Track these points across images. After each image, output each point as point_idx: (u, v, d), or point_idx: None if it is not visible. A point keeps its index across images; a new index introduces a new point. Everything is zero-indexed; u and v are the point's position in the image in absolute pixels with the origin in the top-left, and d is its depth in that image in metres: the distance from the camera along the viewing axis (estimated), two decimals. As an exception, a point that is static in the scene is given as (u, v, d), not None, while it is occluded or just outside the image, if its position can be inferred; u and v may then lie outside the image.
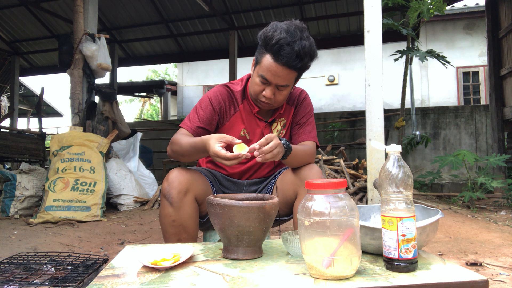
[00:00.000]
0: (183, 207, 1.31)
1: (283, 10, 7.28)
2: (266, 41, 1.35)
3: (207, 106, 1.49)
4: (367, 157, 2.85)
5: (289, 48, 1.30)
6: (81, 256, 1.75)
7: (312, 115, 1.62)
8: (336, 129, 7.45)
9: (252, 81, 1.46)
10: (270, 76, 1.36)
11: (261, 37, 1.38)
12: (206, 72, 12.05)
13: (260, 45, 1.40)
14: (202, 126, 1.46)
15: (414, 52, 4.61)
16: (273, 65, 1.34)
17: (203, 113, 1.48)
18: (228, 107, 1.53)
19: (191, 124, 1.47)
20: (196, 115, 1.48)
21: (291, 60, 1.32)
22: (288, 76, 1.37)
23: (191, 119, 1.49)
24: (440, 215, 1.02)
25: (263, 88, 1.41)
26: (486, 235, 2.85)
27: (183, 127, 1.48)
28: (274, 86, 1.39)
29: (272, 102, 1.44)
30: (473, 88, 10.05)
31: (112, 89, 5.02)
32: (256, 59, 1.43)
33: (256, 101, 1.47)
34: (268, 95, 1.40)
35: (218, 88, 1.54)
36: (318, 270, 0.84)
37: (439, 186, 6.73)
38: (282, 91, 1.42)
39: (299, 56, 1.32)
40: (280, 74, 1.35)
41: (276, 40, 1.31)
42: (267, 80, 1.38)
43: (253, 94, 1.46)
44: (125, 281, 0.86)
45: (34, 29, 8.37)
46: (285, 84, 1.39)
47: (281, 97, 1.43)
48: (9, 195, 3.83)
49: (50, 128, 14.46)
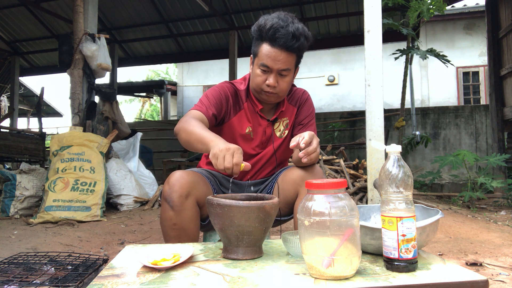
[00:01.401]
0: (184, 211, 1.30)
1: (283, 10, 7.26)
2: (260, 30, 1.38)
3: (218, 95, 1.48)
4: (367, 157, 2.85)
5: (283, 30, 1.34)
6: (81, 256, 1.75)
7: (314, 116, 1.62)
8: (336, 129, 7.45)
9: (253, 74, 1.46)
10: (271, 62, 1.38)
11: (255, 29, 1.41)
12: (206, 72, 12.05)
13: (255, 39, 1.43)
14: (214, 112, 1.44)
15: (415, 51, 4.61)
16: (272, 51, 1.37)
17: (214, 101, 1.46)
18: (234, 104, 1.53)
19: (205, 107, 1.43)
20: (207, 101, 1.46)
21: (288, 41, 1.34)
22: (287, 59, 1.38)
23: (204, 103, 1.45)
24: (440, 215, 1.02)
25: (265, 77, 1.42)
26: (486, 235, 2.85)
27: (196, 109, 1.43)
28: (276, 73, 1.40)
29: (277, 91, 1.43)
30: (473, 88, 10.06)
31: (112, 89, 5.02)
32: (253, 53, 1.45)
33: (260, 94, 1.47)
34: (271, 83, 1.40)
35: (225, 83, 1.54)
36: (318, 270, 0.84)
37: (439, 186, 6.73)
38: (285, 78, 1.43)
39: (295, 36, 1.35)
40: (280, 58, 1.37)
41: (270, 26, 1.35)
42: (268, 67, 1.39)
43: (256, 87, 1.46)
44: (125, 281, 0.86)
45: (34, 29, 8.37)
46: (286, 67, 1.40)
47: (284, 84, 1.43)
48: (9, 195, 3.83)
49: (50, 128, 14.47)
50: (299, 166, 1.45)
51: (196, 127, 1.31)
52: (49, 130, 13.25)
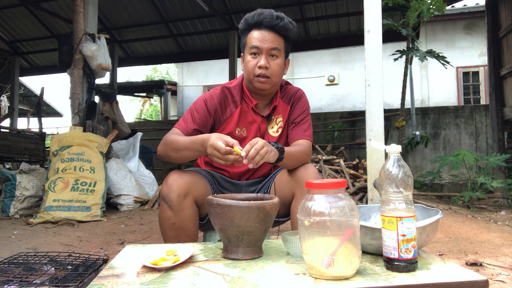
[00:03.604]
0: (182, 210, 1.30)
1: (283, 10, 7.23)
2: (246, 21, 1.48)
3: (202, 109, 1.50)
4: (367, 157, 2.85)
5: (267, 12, 1.45)
6: (81, 256, 1.75)
7: (308, 114, 1.61)
8: (336, 129, 7.45)
9: (245, 63, 1.50)
10: (259, 43, 1.44)
11: (241, 23, 1.50)
12: (206, 72, 12.05)
13: (242, 33, 1.51)
14: (197, 128, 1.47)
15: (414, 52, 4.61)
16: (259, 33, 1.45)
17: (198, 116, 1.49)
18: (224, 109, 1.53)
19: (186, 126, 1.47)
20: (191, 117, 1.49)
21: (273, 20, 1.43)
22: (275, 39, 1.45)
23: (186, 120, 1.49)
24: (440, 215, 1.02)
25: (256, 61, 1.45)
26: (486, 235, 2.85)
27: (177, 128, 1.48)
28: (266, 54, 1.45)
29: (270, 74, 1.46)
30: (473, 88, 10.06)
31: (112, 89, 5.02)
32: (242, 46, 1.53)
33: (254, 82, 1.48)
34: (263, 64, 1.44)
35: (214, 91, 1.55)
36: (318, 270, 0.84)
37: (439, 186, 6.73)
38: (276, 59, 1.46)
39: (279, 17, 1.44)
40: (267, 37, 1.44)
41: (253, 13, 1.47)
42: (258, 48, 1.44)
43: (249, 74, 1.48)
44: (125, 281, 0.86)
45: (34, 29, 8.37)
46: (275, 46, 1.44)
47: (276, 67, 1.46)
48: (9, 195, 3.83)
49: (50, 128, 14.45)
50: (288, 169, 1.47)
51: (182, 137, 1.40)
52: (49, 130, 13.24)
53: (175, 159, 1.41)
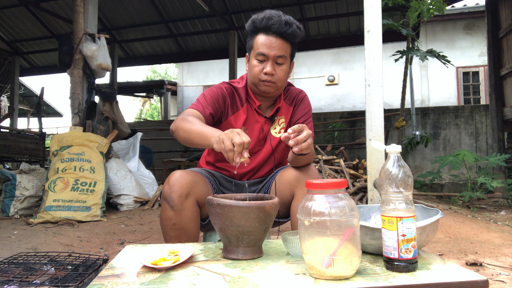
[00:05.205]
0: (184, 211, 1.30)
1: (283, 10, 7.26)
2: (254, 23, 1.45)
3: (215, 94, 1.49)
4: (367, 157, 2.85)
5: (276, 18, 1.42)
6: (81, 256, 1.75)
7: (310, 115, 1.62)
8: (336, 129, 7.45)
9: (250, 67, 1.48)
10: (266, 49, 1.42)
11: (249, 24, 1.47)
12: (206, 72, 12.05)
13: (249, 34, 1.49)
14: (211, 112, 1.45)
15: (415, 52, 4.61)
16: (267, 39, 1.43)
17: (211, 100, 1.47)
18: (231, 103, 1.53)
19: (203, 108, 1.43)
20: (205, 100, 1.47)
21: (281, 27, 1.40)
22: (283, 46, 1.43)
23: (201, 102, 1.46)
24: (440, 215, 1.02)
25: (262, 66, 1.45)
26: (486, 235, 2.85)
27: (195, 108, 1.43)
28: (272, 61, 1.44)
29: (275, 80, 1.45)
30: (473, 88, 10.06)
31: (112, 89, 5.02)
32: (248, 47, 1.50)
33: (258, 85, 1.47)
34: (269, 70, 1.43)
35: (223, 84, 1.56)
36: (318, 270, 0.84)
37: (439, 186, 6.73)
38: (281, 66, 1.45)
39: (288, 23, 1.42)
40: (275, 44, 1.42)
41: (262, 16, 1.43)
42: (265, 55, 1.43)
43: (254, 79, 1.47)
44: (125, 281, 0.86)
45: (34, 29, 8.37)
46: (281, 54, 1.43)
47: (281, 73, 1.46)
48: (9, 195, 3.83)
49: (50, 128, 14.46)
50: (294, 166, 1.44)
51: (195, 123, 1.30)
52: (49, 130, 13.25)
53: (182, 139, 1.34)
